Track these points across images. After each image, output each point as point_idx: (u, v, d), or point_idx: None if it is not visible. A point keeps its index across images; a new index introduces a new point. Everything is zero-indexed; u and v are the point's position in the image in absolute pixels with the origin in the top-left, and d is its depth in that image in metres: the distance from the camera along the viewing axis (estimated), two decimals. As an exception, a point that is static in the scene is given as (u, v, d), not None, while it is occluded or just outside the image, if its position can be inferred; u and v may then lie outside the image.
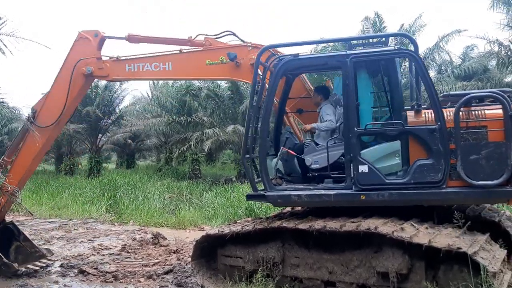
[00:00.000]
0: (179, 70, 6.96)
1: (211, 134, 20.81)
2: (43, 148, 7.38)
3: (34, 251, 7.70)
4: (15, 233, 7.66)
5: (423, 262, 4.99)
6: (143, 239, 9.74)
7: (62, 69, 7.24)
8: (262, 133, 6.02)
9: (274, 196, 5.88)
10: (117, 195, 15.38)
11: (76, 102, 7.53)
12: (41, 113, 7.26)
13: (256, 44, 6.61)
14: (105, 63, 7.15)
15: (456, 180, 5.25)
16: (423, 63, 5.52)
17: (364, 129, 5.56)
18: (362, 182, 5.47)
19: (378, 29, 18.61)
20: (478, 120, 5.24)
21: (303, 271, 5.72)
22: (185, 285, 6.59)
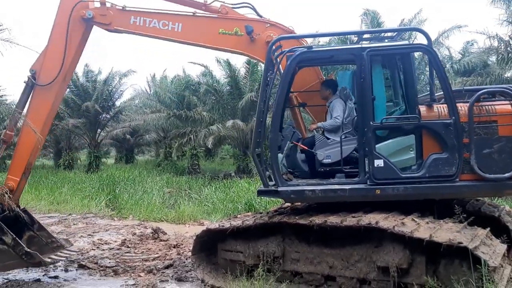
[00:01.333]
0: (188, 34, 6.55)
1: (214, 130, 20.78)
2: (51, 110, 6.87)
3: (50, 242, 6.96)
4: (28, 222, 6.87)
5: (424, 256, 5.00)
6: (143, 234, 9.74)
7: (57, 17, 6.67)
8: (273, 127, 5.87)
9: (287, 192, 5.70)
10: (117, 190, 15.38)
11: (78, 53, 6.91)
12: (42, 72, 6.68)
13: (275, 22, 6.42)
14: (109, 10, 6.63)
15: (468, 173, 5.35)
16: (438, 57, 5.58)
17: (380, 123, 5.54)
18: (377, 176, 5.46)
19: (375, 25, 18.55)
20: (489, 115, 5.35)
21: (304, 266, 5.72)
22: (185, 280, 6.59)
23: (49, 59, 6.69)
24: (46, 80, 6.62)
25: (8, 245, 6.20)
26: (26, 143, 6.75)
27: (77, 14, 6.56)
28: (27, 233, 6.81)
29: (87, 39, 6.94)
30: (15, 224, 6.60)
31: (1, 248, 6.22)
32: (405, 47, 5.82)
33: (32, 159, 6.81)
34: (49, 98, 6.74)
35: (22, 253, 6.21)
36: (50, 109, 6.81)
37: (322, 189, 5.66)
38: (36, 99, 6.73)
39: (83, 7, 6.58)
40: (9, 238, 6.21)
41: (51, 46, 6.72)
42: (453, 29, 18.03)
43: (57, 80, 6.62)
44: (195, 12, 6.60)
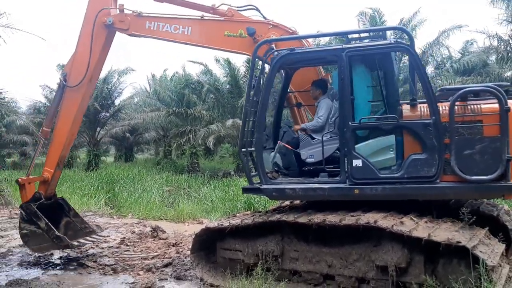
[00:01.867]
0: (197, 37, 6.93)
1: (214, 129, 20.77)
2: (80, 108, 7.49)
3: (84, 227, 7.81)
4: (65, 209, 7.82)
5: (422, 256, 5.01)
6: (142, 232, 9.74)
7: (83, 25, 7.32)
8: (258, 127, 6.02)
9: (269, 189, 5.92)
10: (116, 188, 15.39)
11: (103, 56, 7.51)
12: (72, 74, 7.34)
13: (277, 23, 6.59)
14: (127, 16, 7.18)
15: (451, 175, 5.22)
16: (418, 57, 5.48)
17: (358, 123, 5.55)
18: (356, 176, 5.49)
19: (377, 24, 18.54)
20: (474, 114, 5.21)
21: (302, 265, 5.74)
22: (184, 278, 6.59)
23: (76, 63, 7.35)
24: (74, 82, 7.28)
25: (42, 229, 7.12)
26: (59, 139, 7.50)
27: (100, 20, 7.17)
28: (65, 219, 7.74)
29: (111, 43, 7.56)
30: (53, 211, 7.55)
31: (37, 231, 7.15)
32: (384, 46, 5.72)
33: (64, 153, 7.59)
34: (77, 98, 7.39)
35: (54, 236, 7.08)
36: (77, 108, 7.44)
37: (302, 187, 5.78)
38: (66, 99, 7.42)
39: (105, 14, 7.19)
40: (43, 223, 7.12)
41: (78, 51, 7.36)
42: (453, 28, 18.00)
43: (83, 82, 7.25)
44: (203, 15, 6.94)
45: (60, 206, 7.84)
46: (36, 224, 7.17)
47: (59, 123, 7.49)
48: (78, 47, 7.36)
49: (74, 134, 7.85)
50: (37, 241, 7.20)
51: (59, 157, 7.53)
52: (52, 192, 7.71)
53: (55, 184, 7.79)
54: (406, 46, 5.58)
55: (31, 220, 7.22)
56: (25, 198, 7.42)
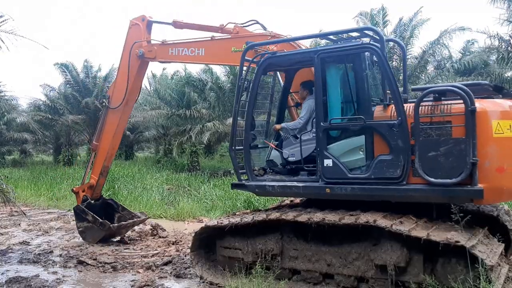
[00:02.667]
0: (210, 56, 7.65)
1: (211, 126, 20.76)
2: (118, 127, 8.65)
3: (131, 216, 9.17)
4: (114, 206, 9.27)
5: (421, 255, 5.02)
6: (142, 231, 9.75)
7: (122, 56, 8.42)
8: (246, 126, 6.33)
9: (252, 186, 6.28)
10: (116, 186, 15.38)
11: (138, 83, 8.65)
12: (113, 97, 8.55)
13: (276, 33, 7.00)
14: (154, 46, 8.13)
15: (418, 177, 5.13)
16: (384, 57, 5.44)
17: (328, 123, 5.61)
18: (327, 176, 5.60)
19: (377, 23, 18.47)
20: (439, 115, 5.06)
21: (302, 263, 5.76)
22: (184, 276, 6.61)
23: (117, 89, 8.55)
24: (114, 105, 8.53)
25: (91, 222, 8.52)
26: (102, 151, 8.78)
27: (133, 52, 8.21)
28: (116, 215, 9.15)
29: (145, 72, 8.76)
30: (105, 210, 9.05)
31: (89, 225, 8.61)
32: (353, 47, 5.70)
33: (107, 163, 8.81)
34: (116, 118, 8.59)
35: (99, 224, 8.45)
36: (117, 126, 8.62)
37: (280, 185, 6.04)
38: (108, 118, 8.67)
39: (137, 47, 8.19)
40: (90, 216, 8.51)
41: (118, 78, 8.62)
42: (455, 30, 17.90)
43: (121, 105, 8.41)
44: (213, 36, 7.56)
45: (110, 205, 9.26)
46: (86, 220, 8.58)
47: (103, 138, 8.73)
48: (118, 74, 8.58)
49: (115, 148, 9.04)
50: (91, 233, 8.67)
51: (102, 166, 8.76)
52: (98, 195, 9.04)
53: (100, 188, 9.08)
54: (372, 46, 5.54)
55: (82, 218, 8.64)
56: (79, 203, 8.80)
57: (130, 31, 8.37)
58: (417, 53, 18.88)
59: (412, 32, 18.43)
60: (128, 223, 8.94)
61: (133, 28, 8.33)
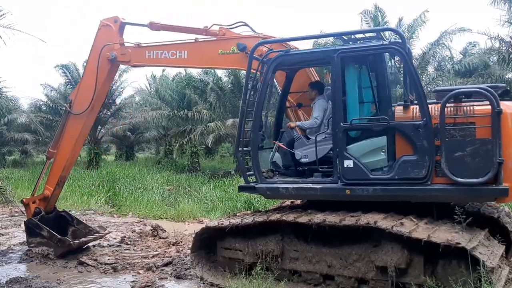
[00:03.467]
0: (193, 59, 7.22)
1: (213, 127, 20.77)
2: (81, 134, 7.97)
3: (88, 231, 8.37)
4: (68, 219, 8.44)
5: (422, 256, 5.02)
6: (142, 231, 9.74)
7: (90, 58, 7.81)
8: (254, 127, 6.13)
9: (263, 188, 6.05)
10: (116, 187, 15.40)
11: (105, 88, 8.10)
12: (76, 102, 7.86)
13: (267, 35, 6.74)
14: (128, 49, 7.55)
15: (442, 177, 5.18)
16: (409, 58, 5.49)
17: (349, 124, 5.57)
18: (347, 177, 5.52)
19: (379, 23, 18.50)
20: (465, 116, 5.14)
21: (302, 265, 5.75)
22: (184, 277, 6.61)
23: (81, 93, 7.88)
24: (78, 110, 7.81)
25: (46, 237, 7.75)
26: (60, 160, 8.01)
27: (104, 55, 7.59)
28: (70, 229, 8.35)
29: (114, 76, 8.29)
30: (59, 224, 8.24)
31: (43, 241, 7.80)
32: (376, 47, 5.70)
33: (64, 173, 8.08)
34: (79, 125, 7.88)
35: (56, 241, 7.69)
36: (79, 133, 7.93)
37: (295, 187, 5.86)
38: (69, 125, 7.95)
39: (108, 49, 7.58)
40: (45, 231, 7.76)
41: (83, 81, 7.96)
42: (455, 31, 17.91)
43: (86, 111, 7.74)
44: (196, 38, 7.20)
45: (64, 218, 8.44)
46: (40, 235, 7.79)
47: (61, 146, 7.99)
48: (84, 78, 7.92)
49: (75, 157, 8.38)
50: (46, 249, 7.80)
51: (59, 176, 7.99)
52: (51, 208, 8.27)
53: (55, 201, 8.31)
54: (398, 47, 5.53)
55: (36, 233, 7.85)
56: (30, 216, 8.00)
57: (99, 33, 7.73)
58: (418, 54, 18.89)
59: (412, 33, 18.43)
60: (89, 239, 8.21)
61: (103, 29, 7.70)
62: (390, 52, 5.71)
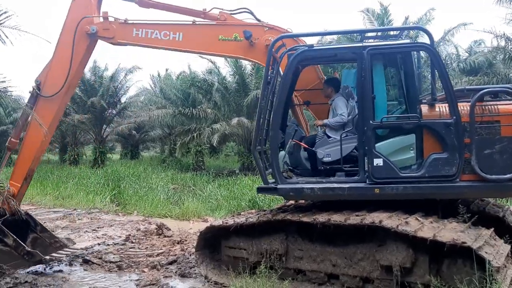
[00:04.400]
0: (189, 42, 6.72)
1: (219, 128, 20.77)
2: (54, 119, 7.07)
3: (53, 242, 7.20)
4: (31, 224, 7.11)
5: (427, 256, 5.00)
6: (147, 230, 9.78)
7: (63, 33, 6.89)
8: (274, 125, 5.94)
9: (286, 189, 5.78)
10: (122, 186, 15.44)
11: (82, 66, 7.21)
12: (47, 83, 6.89)
13: (273, 25, 6.50)
14: (112, 24, 6.83)
15: (469, 174, 5.29)
16: (439, 56, 5.53)
17: (380, 122, 5.54)
18: (376, 176, 5.46)
19: (383, 23, 18.44)
20: (491, 115, 5.29)
21: (307, 264, 5.74)
22: (189, 276, 6.62)
23: (53, 72, 6.89)
24: (50, 92, 6.84)
25: (10, 246, 6.46)
26: (29, 150, 6.97)
27: (81, 29, 6.75)
28: (31, 235, 7.04)
29: (91, 52, 7.14)
30: (18, 227, 6.80)
31: (4, 249, 6.45)
32: (407, 46, 5.77)
33: (33, 166, 7.03)
34: (52, 109, 6.94)
35: (24, 253, 6.49)
36: (52, 118, 6.99)
37: (321, 187, 5.70)
38: (39, 109, 6.89)
39: (87, 23, 6.76)
40: (11, 239, 6.47)
41: (56, 60, 6.91)
42: (458, 27, 17.88)
43: (60, 92, 6.83)
44: (194, 20, 6.76)
45: (26, 222, 7.03)
46: (2, 241, 6.49)
47: (29, 134, 6.97)
48: (56, 56, 6.91)
49: (45, 146, 7.45)
50: (5, 260, 6.47)
51: (27, 170, 6.96)
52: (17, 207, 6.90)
53: (21, 199, 7.14)
54: (428, 45, 5.57)
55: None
56: None
57: (73, 5, 6.84)
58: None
59: (417, 32, 18.34)
60: (61, 256, 7.18)
61: (78, 1, 6.83)
62: (420, 51, 5.74)
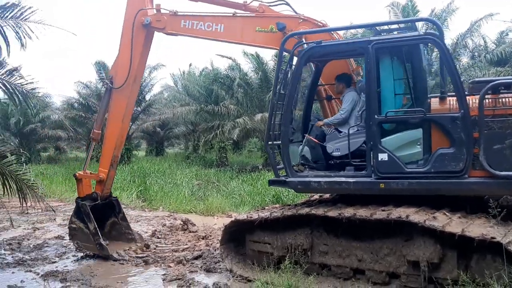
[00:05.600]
0: (229, 33, 7.06)
1: (241, 123, 20.81)
2: (127, 109, 7.74)
3: (127, 233, 8.02)
4: (116, 209, 8.07)
5: (455, 251, 4.91)
6: (172, 225, 9.88)
7: (124, 27, 7.57)
8: (285, 120, 6.05)
9: (294, 182, 5.98)
10: (147, 182, 15.63)
11: (144, 57, 7.74)
12: (116, 76, 7.60)
13: (308, 17, 6.59)
14: (163, 16, 7.36)
15: (479, 170, 5.08)
16: (446, 49, 5.34)
17: (384, 116, 5.47)
18: (381, 170, 5.43)
19: (408, 15, 18.13)
20: (505, 108, 5.03)
21: (332, 259, 5.71)
22: (214, 270, 6.66)
23: (119, 65, 7.63)
24: (119, 84, 7.56)
25: (90, 231, 7.39)
26: (110, 139, 7.79)
27: (138, 21, 7.39)
28: (112, 219, 8.04)
29: (151, 43, 7.79)
30: (104, 210, 7.86)
31: (85, 230, 7.45)
32: (412, 38, 5.60)
33: (117, 152, 7.83)
34: (123, 99, 7.66)
35: (97, 242, 7.36)
36: (125, 108, 7.69)
37: (327, 181, 5.78)
38: (113, 100, 7.71)
39: (143, 15, 7.41)
40: (92, 226, 7.39)
41: (120, 53, 7.64)
42: (485, 18, 17.44)
43: (127, 83, 7.51)
44: (235, 12, 7.08)
45: (112, 205, 8.07)
46: (85, 223, 7.45)
47: (109, 124, 7.79)
48: (120, 49, 7.62)
49: (125, 134, 8.11)
50: (82, 239, 7.52)
51: (112, 157, 7.77)
52: (108, 192, 7.96)
53: (111, 183, 8.02)
54: (434, 37, 5.42)
55: (82, 218, 7.50)
56: (81, 193, 7.76)
57: (129, 0, 7.58)
58: (449, 44, 18.44)
59: (442, 23, 18.01)
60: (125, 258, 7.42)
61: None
62: (426, 43, 5.58)
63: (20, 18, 7.04)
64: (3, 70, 7.14)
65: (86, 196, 7.73)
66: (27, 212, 11.89)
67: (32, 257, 7.71)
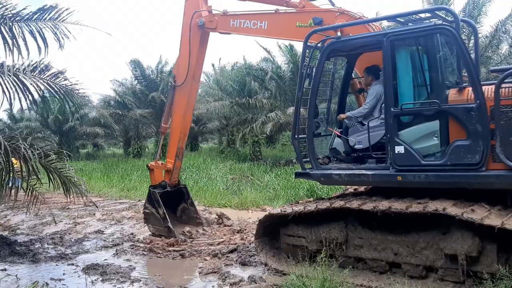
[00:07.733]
0: (272, 30, 7.36)
1: (274, 116, 20.79)
2: (188, 104, 8.51)
3: (195, 217, 9.02)
4: (185, 196, 9.06)
5: (495, 244, 4.78)
6: (208, 219, 9.99)
7: (183, 29, 8.27)
8: (309, 114, 6.20)
9: (317, 175, 6.18)
10: (182, 177, 15.84)
11: (201, 56, 8.43)
12: (178, 75, 8.40)
13: (345, 10, 6.64)
14: (215, 16, 7.95)
15: (500, 162, 4.87)
16: (460, 38, 5.17)
17: (399, 109, 5.40)
18: (398, 163, 5.39)
19: (442, 3, 17.59)
20: None
21: (367, 252, 5.67)
22: (249, 264, 6.72)
23: (180, 64, 8.42)
24: (180, 82, 8.35)
25: (160, 216, 8.34)
26: (175, 132, 8.63)
27: (194, 23, 8.10)
28: (182, 205, 9.04)
29: (207, 42, 8.45)
30: (175, 196, 8.85)
31: (157, 215, 8.40)
32: (425, 29, 5.42)
33: (181, 144, 8.64)
34: (184, 95, 8.42)
35: (166, 226, 8.28)
36: (186, 104, 8.46)
37: (347, 173, 5.89)
38: (176, 97, 8.51)
39: (198, 16, 8.06)
40: (162, 211, 8.32)
41: (181, 53, 8.36)
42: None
43: (187, 80, 8.23)
44: (277, 9, 7.35)
45: (182, 192, 9.00)
46: (157, 210, 8.38)
47: (174, 119, 8.59)
48: (180, 49, 8.31)
49: (187, 128, 8.84)
50: (155, 223, 8.51)
51: (177, 148, 8.56)
52: (176, 180, 8.85)
53: (177, 172, 8.85)
54: (446, 26, 5.26)
55: (154, 204, 8.45)
56: (154, 181, 8.75)
57: (187, 3, 8.24)
58: (488, 32, 17.80)
59: (480, 10, 17.41)
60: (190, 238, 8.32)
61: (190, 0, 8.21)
62: (439, 33, 5.40)
63: (58, 20, 7.29)
64: (49, 72, 7.46)
65: (157, 184, 8.63)
66: (68, 207, 12.32)
67: (73, 250, 7.99)
